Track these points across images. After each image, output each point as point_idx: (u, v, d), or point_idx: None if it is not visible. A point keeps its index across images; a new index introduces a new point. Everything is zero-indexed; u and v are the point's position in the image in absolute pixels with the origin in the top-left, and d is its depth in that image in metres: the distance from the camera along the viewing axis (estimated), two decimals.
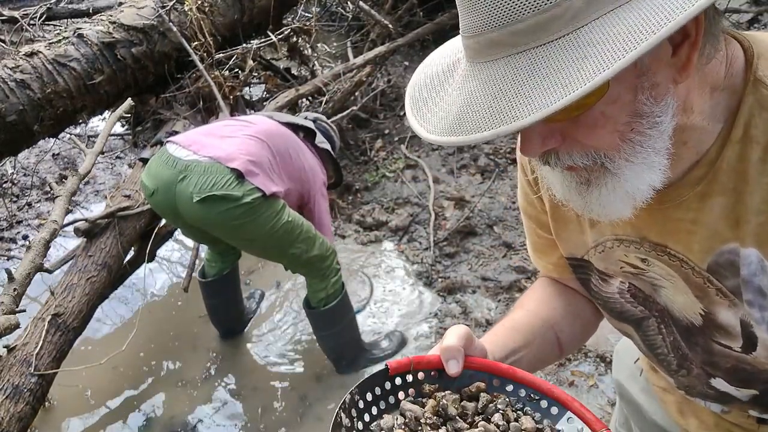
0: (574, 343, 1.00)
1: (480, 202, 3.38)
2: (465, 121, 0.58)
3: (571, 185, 0.68)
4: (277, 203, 2.16)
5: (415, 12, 5.01)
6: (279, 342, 2.80)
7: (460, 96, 0.60)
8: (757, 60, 0.66)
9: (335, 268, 2.39)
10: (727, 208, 0.67)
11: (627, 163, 0.62)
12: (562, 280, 1.00)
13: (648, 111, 0.60)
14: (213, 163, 2.08)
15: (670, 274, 0.76)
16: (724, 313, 0.72)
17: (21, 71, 2.96)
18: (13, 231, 3.79)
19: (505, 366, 0.74)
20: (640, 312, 0.84)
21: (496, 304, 2.79)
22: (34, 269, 2.17)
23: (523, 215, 1.00)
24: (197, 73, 3.58)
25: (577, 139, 0.62)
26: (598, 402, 2.26)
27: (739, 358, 0.74)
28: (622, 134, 0.61)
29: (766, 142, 0.64)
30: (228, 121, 2.41)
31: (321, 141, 2.55)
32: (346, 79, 3.95)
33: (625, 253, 0.80)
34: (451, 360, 0.72)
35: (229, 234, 2.23)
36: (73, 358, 2.35)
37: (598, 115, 0.59)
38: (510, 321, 0.92)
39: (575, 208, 0.70)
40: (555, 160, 0.65)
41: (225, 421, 2.43)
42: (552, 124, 0.61)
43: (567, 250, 0.90)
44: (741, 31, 0.72)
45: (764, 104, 0.64)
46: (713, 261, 0.70)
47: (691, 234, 0.71)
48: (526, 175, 0.92)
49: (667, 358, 0.84)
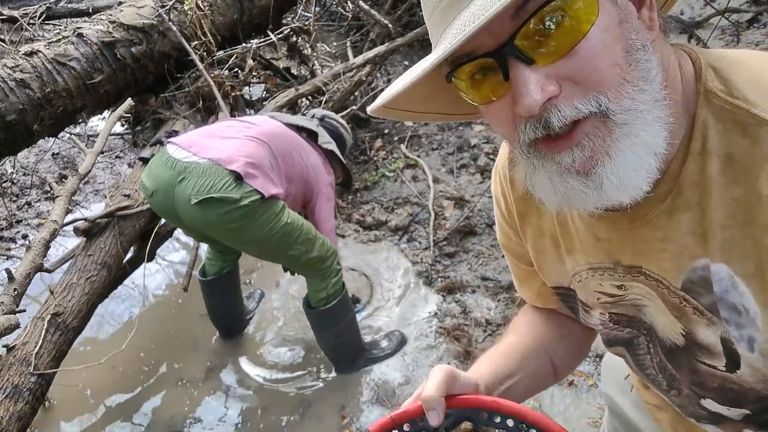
0: (569, 366, 0.98)
1: (480, 201, 3.38)
2: (465, 27, 0.55)
3: (569, 178, 0.62)
4: (276, 205, 2.15)
5: (414, 12, 5.01)
6: (279, 342, 2.80)
7: (445, 39, 0.60)
8: (705, 71, 0.65)
9: (335, 268, 2.39)
10: (694, 224, 0.66)
11: (633, 107, 0.59)
12: (546, 307, 0.99)
13: (639, 46, 0.59)
14: (212, 165, 2.07)
15: (649, 293, 0.74)
16: (703, 332, 0.70)
17: (21, 71, 2.96)
18: (12, 230, 3.79)
19: (490, 399, 0.73)
20: (627, 333, 0.82)
21: (496, 304, 2.79)
22: (34, 269, 2.17)
23: (502, 249, 0.99)
24: (197, 73, 3.58)
25: (577, 79, 0.58)
26: (597, 402, 2.26)
27: (725, 378, 0.72)
28: (622, 69, 0.59)
29: (723, 155, 0.63)
30: (230, 122, 2.40)
31: (325, 141, 2.52)
32: (346, 78, 3.96)
33: (600, 282, 0.78)
34: (431, 411, 0.71)
35: (228, 236, 2.24)
36: (73, 357, 2.35)
37: (595, 42, 0.57)
38: (504, 345, 0.91)
39: (582, 204, 0.64)
40: (557, 116, 0.58)
41: (224, 420, 2.43)
42: (547, 67, 0.58)
43: (552, 280, 0.89)
44: (690, 45, 0.72)
45: (717, 115, 0.63)
46: (686, 279, 0.68)
47: (661, 252, 0.69)
48: (501, 209, 0.92)
49: (656, 378, 0.83)
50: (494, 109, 0.64)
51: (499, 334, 2.63)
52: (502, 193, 0.90)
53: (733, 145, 0.62)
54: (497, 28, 0.57)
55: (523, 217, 0.87)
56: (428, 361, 2.56)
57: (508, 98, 0.61)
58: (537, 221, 0.85)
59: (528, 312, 1.01)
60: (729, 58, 0.66)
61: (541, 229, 0.85)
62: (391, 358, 2.59)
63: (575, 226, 0.79)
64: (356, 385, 2.50)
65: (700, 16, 4.47)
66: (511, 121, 0.63)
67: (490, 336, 2.62)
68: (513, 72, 0.58)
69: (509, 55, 0.58)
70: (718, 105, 0.63)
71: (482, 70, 0.61)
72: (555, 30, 0.56)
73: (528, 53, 0.57)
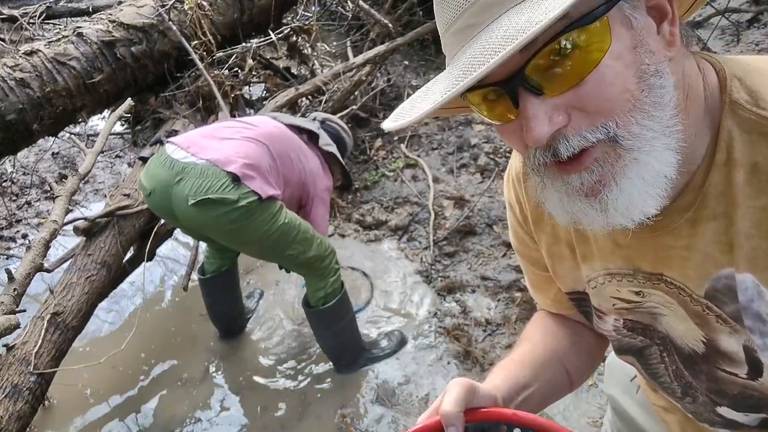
0: (583, 374, 0.97)
1: (480, 201, 3.38)
2: (475, 60, 0.55)
3: (577, 200, 0.63)
4: (274, 206, 2.15)
5: (414, 11, 5.01)
6: (278, 341, 2.80)
7: (456, 66, 0.59)
8: (730, 82, 0.65)
9: (334, 267, 2.39)
10: (719, 233, 0.66)
11: (641, 134, 0.59)
12: (560, 313, 0.98)
13: (653, 71, 0.59)
14: (209, 166, 2.07)
15: (669, 301, 0.74)
16: (726, 340, 0.70)
17: (20, 70, 2.96)
18: (12, 230, 3.79)
19: (510, 412, 0.72)
20: (640, 342, 0.82)
21: (496, 304, 2.79)
22: (34, 269, 2.17)
23: (517, 254, 0.98)
24: (197, 73, 3.58)
25: (586, 109, 0.58)
26: (598, 401, 2.26)
27: (746, 385, 0.72)
28: (634, 96, 0.58)
29: (749, 165, 0.63)
30: (229, 123, 2.40)
31: (326, 144, 2.51)
32: (346, 78, 3.96)
33: (617, 288, 0.78)
34: (450, 427, 0.70)
35: (225, 236, 2.24)
36: (73, 357, 2.35)
37: (606, 71, 0.57)
38: (518, 355, 0.90)
39: (589, 224, 0.65)
40: (565, 145, 0.59)
41: (224, 420, 2.43)
42: (556, 98, 0.58)
43: (567, 286, 0.89)
44: (715, 54, 0.72)
45: (743, 126, 0.63)
46: (710, 287, 0.68)
47: (685, 260, 0.69)
48: (515, 215, 0.91)
49: (670, 386, 0.82)
50: (507, 128, 0.64)
51: (499, 334, 2.63)
52: (517, 200, 0.89)
53: (758, 155, 0.62)
54: (507, 59, 0.56)
55: (537, 224, 0.87)
56: (428, 360, 2.56)
57: (519, 121, 0.61)
58: (552, 228, 0.85)
59: (540, 319, 1.00)
60: (755, 68, 0.66)
61: (556, 235, 0.85)
62: (390, 358, 2.59)
63: (593, 233, 0.78)
64: (356, 385, 2.50)
65: (700, 16, 4.47)
66: (523, 141, 0.63)
67: (490, 336, 2.62)
68: (522, 102, 0.59)
69: (519, 85, 0.58)
70: (744, 116, 0.63)
71: (495, 91, 0.61)
72: (565, 61, 0.56)
73: (537, 84, 0.57)
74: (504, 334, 2.61)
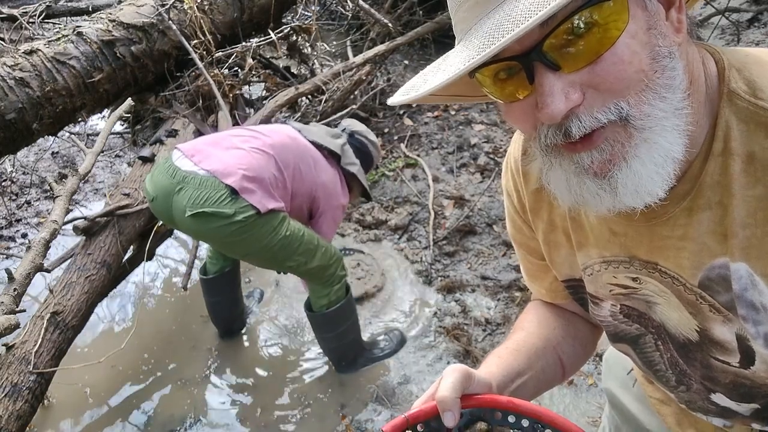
0: (576, 364, 0.98)
1: (479, 200, 3.38)
2: (501, 29, 0.55)
3: (586, 179, 0.63)
4: (275, 219, 2.12)
5: (414, 11, 5.01)
6: (278, 341, 2.80)
7: (475, 37, 0.59)
8: (729, 72, 0.65)
9: (339, 275, 2.35)
10: (715, 222, 0.66)
11: (653, 114, 0.59)
12: (555, 303, 0.99)
13: (666, 53, 0.59)
14: (209, 177, 2.05)
15: (663, 290, 0.74)
16: (719, 329, 0.71)
17: (20, 69, 2.96)
18: (12, 229, 3.78)
19: (505, 399, 0.73)
20: (636, 330, 0.82)
21: (496, 303, 2.79)
22: (34, 269, 2.17)
23: (513, 243, 0.99)
24: (197, 72, 3.58)
25: (600, 87, 0.58)
26: (597, 401, 2.26)
27: (738, 373, 0.73)
28: (647, 76, 0.58)
29: (745, 154, 0.63)
30: (239, 131, 2.34)
31: (349, 163, 2.43)
32: (346, 77, 3.95)
33: (614, 274, 0.79)
34: (446, 412, 0.71)
35: (223, 248, 2.24)
36: (72, 356, 2.35)
37: (623, 49, 0.57)
38: (513, 343, 0.91)
39: (595, 206, 0.64)
40: (577, 125, 0.59)
41: (224, 419, 2.43)
42: (573, 75, 0.58)
43: (563, 273, 0.89)
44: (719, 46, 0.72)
45: (741, 116, 0.64)
46: (704, 276, 0.69)
47: (680, 250, 0.70)
48: (512, 203, 0.91)
49: (665, 374, 0.83)
50: (516, 107, 0.64)
51: (498, 333, 2.63)
52: (515, 187, 0.90)
53: (755, 144, 0.63)
54: (525, 33, 0.56)
55: (534, 212, 0.87)
56: (428, 360, 2.56)
57: (531, 100, 0.61)
58: (548, 215, 0.85)
59: (535, 308, 1.00)
60: (753, 59, 0.66)
61: (553, 223, 0.85)
62: (390, 358, 2.59)
63: (588, 220, 0.79)
64: (356, 385, 2.50)
65: (701, 16, 4.47)
66: (532, 121, 0.63)
67: (490, 335, 2.63)
68: (538, 77, 0.58)
69: (536, 60, 0.58)
70: (742, 106, 0.64)
71: (507, 69, 0.61)
72: (583, 37, 0.56)
73: (555, 59, 0.57)
74: (504, 334, 2.61)
